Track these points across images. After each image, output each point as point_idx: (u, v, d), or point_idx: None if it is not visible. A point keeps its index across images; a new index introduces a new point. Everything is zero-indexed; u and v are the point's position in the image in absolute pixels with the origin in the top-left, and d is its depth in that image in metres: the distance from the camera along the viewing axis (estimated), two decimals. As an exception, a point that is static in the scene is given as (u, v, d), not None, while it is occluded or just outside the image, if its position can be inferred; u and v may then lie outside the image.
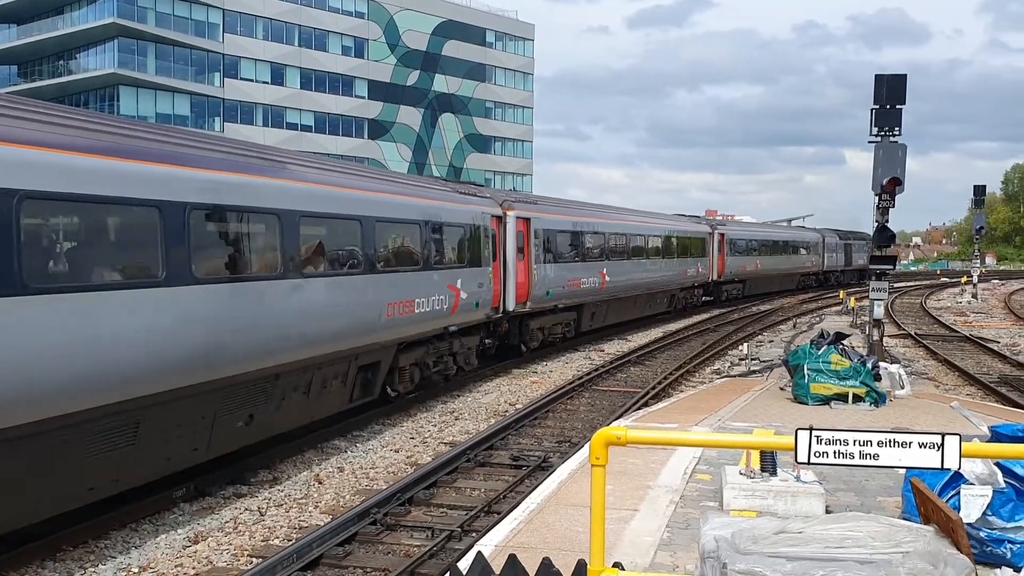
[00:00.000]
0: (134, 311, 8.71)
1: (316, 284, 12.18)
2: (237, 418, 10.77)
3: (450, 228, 17.07)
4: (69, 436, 8.15)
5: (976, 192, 46.88)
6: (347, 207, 13.10)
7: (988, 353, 24.27)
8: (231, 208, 10.35)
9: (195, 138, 10.69)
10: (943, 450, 4.47)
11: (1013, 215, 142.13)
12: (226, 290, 10.24)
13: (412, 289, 15.13)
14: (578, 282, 24.70)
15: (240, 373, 10.40)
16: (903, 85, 16.56)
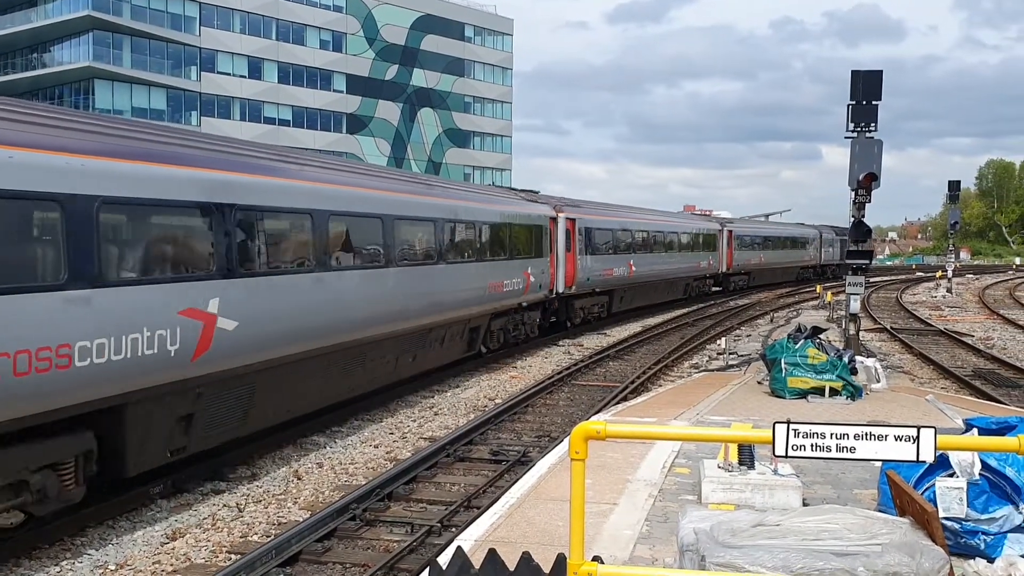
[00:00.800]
0: (367, 283, 14.27)
1: (454, 268, 17.93)
2: (408, 356, 16.40)
3: (524, 228, 22.84)
4: (340, 358, 13.55)
5: (951, 188, 47.31)
6: (471, 215, 19.17)
7: (962, 347, 24.54)
8: (412, 219, 16.23)
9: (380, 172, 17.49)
10: (918, 443, 4.51)
11: (987, 210, 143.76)
12: (410, 271, 15.76)
13: (503, 273, 20.77)
14: (611, 271, 29.99)
15: (414, 327, 15.95)
16: (879, 81, 16.67)
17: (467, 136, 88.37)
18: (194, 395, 10.27)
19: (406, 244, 15.89)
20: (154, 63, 63.88)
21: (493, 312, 20.59)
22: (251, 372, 11.15)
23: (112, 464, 9.38)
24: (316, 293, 12.51)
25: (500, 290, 20.50)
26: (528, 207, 23.88)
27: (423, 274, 16.36)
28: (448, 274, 17.48)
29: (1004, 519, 6.53)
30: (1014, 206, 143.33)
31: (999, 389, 17.66)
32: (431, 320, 16.65)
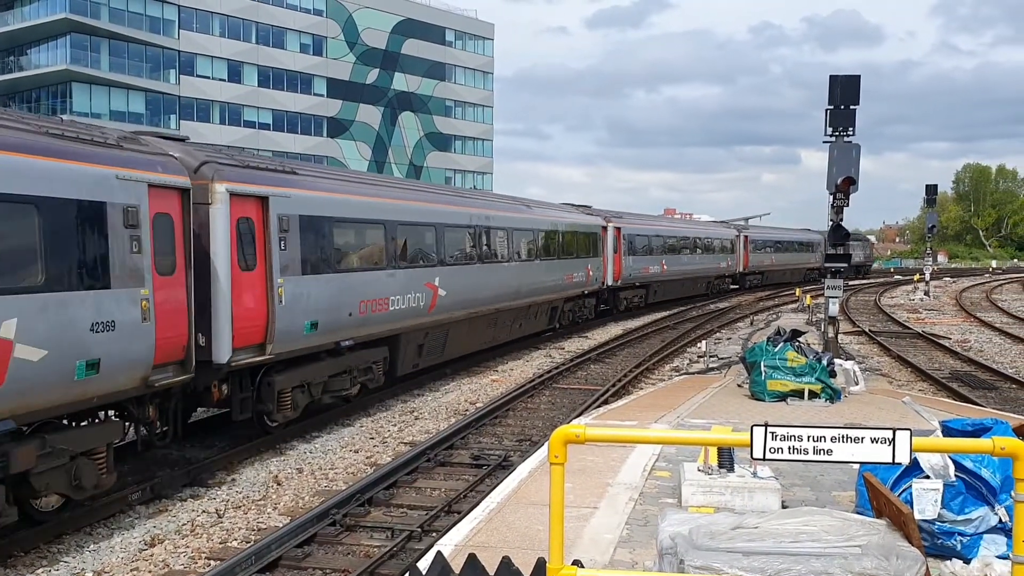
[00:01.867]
0: (500, 272, 21.79)
1: (545, 264, 25.55)
2: (518, 323, 24.08)
3: (585, 234, 29.86)
4: (486, 320, 21.08)
5: (928, 191, 47.69)
6: (553, 225, 26.82)
7: (940, 349, 24.75)
8: (522, 229, 23.91)
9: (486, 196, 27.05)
10: (894, 445, 4.55)
11: (964, 214, 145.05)
12: (520, 265, 23.51)
13: (572, 268, 28.00)
14: (648, 269, 37.09)
15: (521, 304, 23.58)
16: (857, 86, 16.78)
17: (448, 140, 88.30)
18: (423, 333, 18.01)
19: (518, 247, 23.60)
20: (132, 66, 63.40)
21: (565, 297, 28.16)
22: (449, 323, 19.08)
23: (390, 369, 16.77)
24: (478, 277, 20.57)
25: (571, 281, 28.13)
26: (586, 218, 30.95)
27: (527, 268, 24.11)
28: (542, 268, 25.36)
29: (980, 520, 6.59)
30: (990, 210, 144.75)
31: (976, 391, 17.83)
32: (531, 300, 24.53)
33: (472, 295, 19.96)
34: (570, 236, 27.99)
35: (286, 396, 13.22)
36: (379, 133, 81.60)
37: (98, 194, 9.44)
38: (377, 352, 16.04)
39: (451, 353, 19.90)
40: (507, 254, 22.55)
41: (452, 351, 19.84)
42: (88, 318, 9.17)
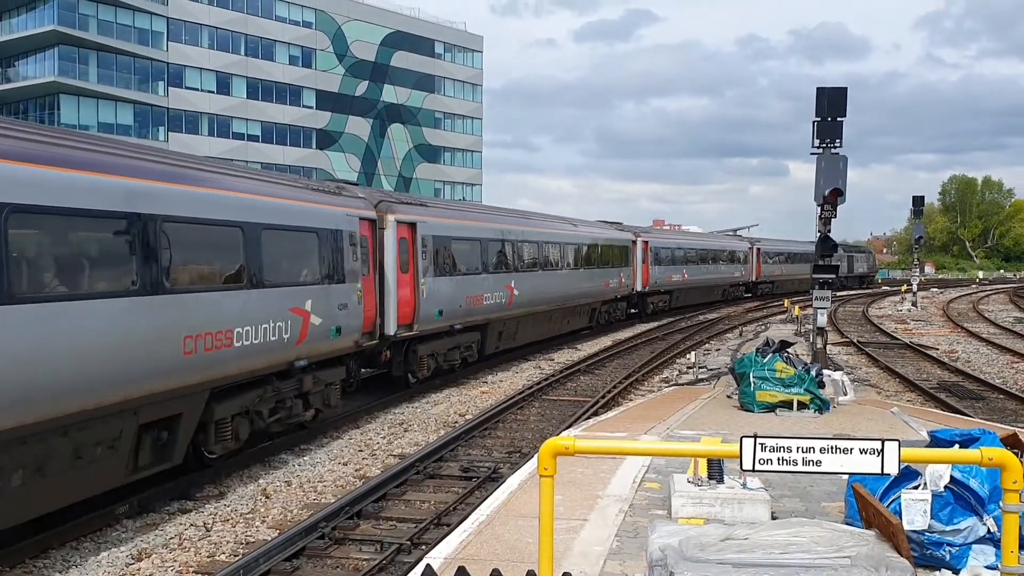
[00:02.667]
0: (557, 277, 27.34)
1: (588, 272, 30.19)
2: (567, 320, 28.89)
3: (619, 247, 34.61)
4: (545, 316, 26.59)
5: (915, 203, 47.96)
6: (594, 240, 31.32)
7: (927, 360, 24.85)
8: (571, 243, 28.84)
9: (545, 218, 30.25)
10: (883, 456, 4.57)
11: (951, 225, 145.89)
12: (569, 272, 28.40)
13: (609, 276, 32.77)
14: (671, 277, 41.95)
15: (570, 305, 28.57)
16: (843, 98, 16.88)
17: (437, 151, 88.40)
18: (503, 323, 23.15)
19: (568, 258, 28.62)
20: (121, 78, 63.27)
21: (602, 300, 32.62)
22: (520, 316, 24.28)
23: (481, 349, 22.05)
24: (540, 281, 25.58)
25: (607, 287, 32.69)
26: (619, 234, 35.47)
27: (574, 275, 29.01)
28: (585, 276, 30.10)
29: (968, 530, 6.60)
30: (977, 221, 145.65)
31: (963, 401, 17.90)
32: (577, 302, 29.30)
33: (536, 295, 25.55)
34: (607, 249, 33.10)
35: (424, 361, 19.12)
36: (368, 145, 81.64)
37: (340, 225, 14.87)
38: (474, 335, 21.75)
39: (520, 340, 25.44)
40: (560, 264, 27.97)
41: (521, 339, 25.47)
42: (336, 301, 14.53)
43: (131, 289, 9.56)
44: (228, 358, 11.26)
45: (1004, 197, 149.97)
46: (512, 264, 23.77)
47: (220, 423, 11.62)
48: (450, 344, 20.32)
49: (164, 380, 10.02)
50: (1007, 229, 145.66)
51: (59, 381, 8.48)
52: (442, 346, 19.90)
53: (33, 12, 61.52)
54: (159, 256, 9.96)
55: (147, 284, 9.76)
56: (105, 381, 9.10)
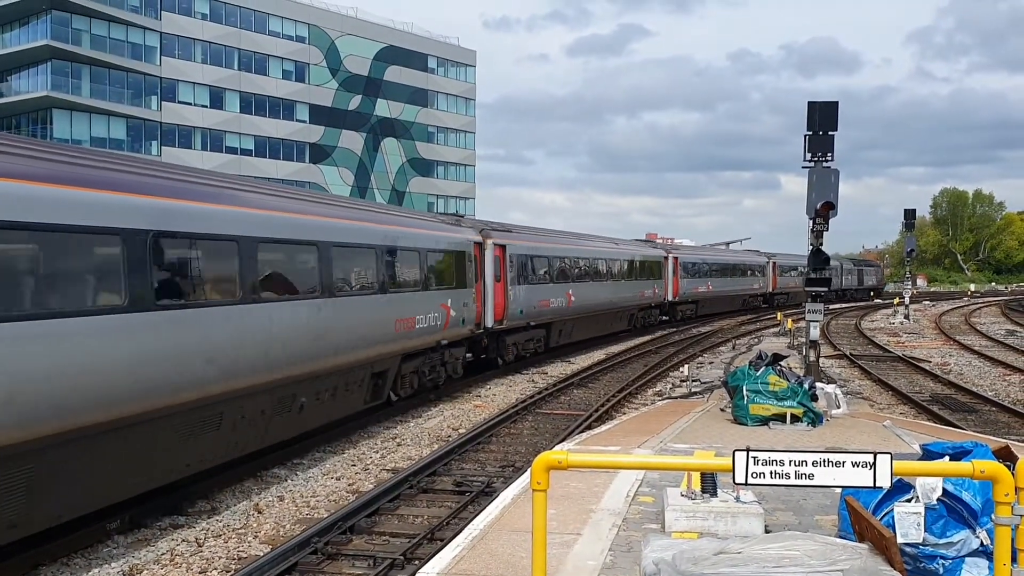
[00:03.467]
0: (599, 288, 33.34)
1: (623, 283, 35.99)
2: (609, 323, 35.28)
3: (654, 262, 40.72)
4: (594, 319, 33.00)
5: (907, 216, 48.19)
6: (634, 256, 37.79)
7: (920, 372, 24.90)
8: (612, 259, 34.99)
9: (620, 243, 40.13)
10: (875, 469, 4.57)
11: (942, 238, 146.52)
12: (614, 283, 34.95)
13: (644, 287, 38.91)
14: (697, 288, 47.67)
15: (614, 310, 35.19)
16: (835, 112, 16.98)
17: (431, 165, 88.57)
18: (562, 323, 29.28)
19: (612, 271, 34.76)
20: (114, 92, 63.36)
21: (639, 307, 38.89)
22: (575, 318, 29.98)
23: (546, 343, 28.28)
24: (592, 290, 31.88)
25: (643, 296, 39.00)
26: (653, 250, 42.65)
27: (617, 285, 35.28)
28: (626, 286, 36.43)
29: (962, 543, 6.60)
30: (968, 234, 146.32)
31: (956, 414, 17.93)
32: (619, 308, 35.74)
33: (589, 301, 31.59)
34: (642, 263, 39.14)
35: (510, 348, 25.24)
36: (361, 159, 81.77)
37: (464, 247, 21.05)
38: (542, 331, 27.95)
39: (575, 337, 31.35)
40: (606, 276, 34.13)
41: (576, 336, 31.45)
42: (462, 301, 20.36)
43: (376, 289, 15.71)
44: (413, 335, 17.51)
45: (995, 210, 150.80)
46: (570, 275, 30.02)
47: (403, 377, 17.81)
48: (527, 337, 26.61)
49: (385, 347, 16.07)
50: (998, 242, 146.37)
51: (344, 343, 14.19)
52: (522, 338, 26.18)
53: (26, 27, 61.63)
54: (394, 271, 16.66)
55: (383, 287, 15.96)
56: (362, 345, 14.92)
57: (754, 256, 62.40)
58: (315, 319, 13.06)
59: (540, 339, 27.81)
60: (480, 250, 22.49)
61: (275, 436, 12.84)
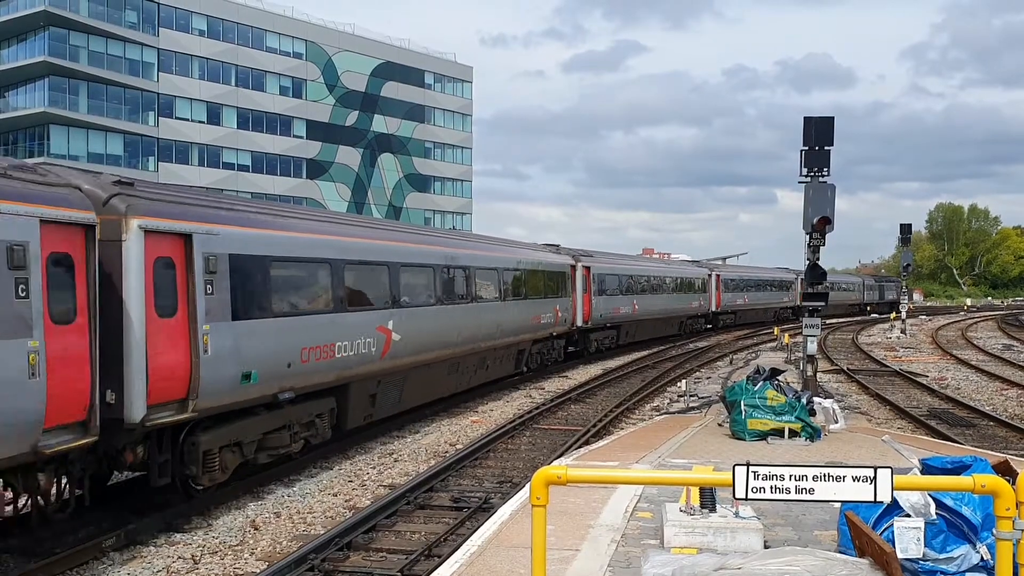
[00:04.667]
0: (658, 300, 42.73)
1: (678, 296, 45.85)
2: (665, 328, 44.09)
3: (699, 279, 48.81)
4: (651, 323, 41.94)
5: (903, 231, 48.30)
6: (683, 274, 47.61)
7: (917, 387, 24.89)
8: (663, 277, 44.84)
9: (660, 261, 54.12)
10: (875, 483, 4.55)
11: (938, 252, 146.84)
12: (668, 295, 44.45)
13: (693, 299, 47.80)
14: (735, 301, 55.23)
15: (668, 317, 44.37)
16: (831, 127, 17.02)
17: (428, 181, 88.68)
18: (630, 324, 38.20)
19: (669, 286, 43.67)
20: (111, 108, 63.45)
21: (687, 316, 47.04)
22: (638, 320, 39.11)
23: (617, 342, 37.16)
24: (652, 302, 40.89)
25: (691, 307, 47.34)
26: (698, 269, 51.07)
27: (672, 297, 44.01)
28: (678, 299, 45.22)
29: (962, 558, 6.58)
30: (964, 248, 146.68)
31: (954, 428, 17.91)
32: (672, 315, 44.11)
33: (648, 310, 40.02)
34: (691, 280, 47.99)
35: (594, 343, 34.40)
36: (359, 174, 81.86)
37: (564, 268, 29.81)
38: (614, 332, 36.44)
39: (639, 337, 39.86)
40: (663, 289, 43.18)
41: (639, 336, 39.88)
42: (565, 306, 29.71)
43: (522, 296, 24.75)
44: (538, 328, 26.55)
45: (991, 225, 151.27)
46: (635, 289, 38.48)
47: (532, 355, 27.03)
48: (604, 335, 35.25)
49: (524, 335, 25.33)
50: (994, 256, 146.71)
51: (510, 330, 23.73)
52: (602, 335, 34.91)
53: (24, 43, 61.77)
54: (530, 285, 25.76)
55: (526, 295, 25.11)
56: (518, 332, 24.51)
57: (782, 273, 65.65)
58: (496, 314, 22.58)
59: (612, 337, 36.34)
60: (573, 270, 31.18)
61: (476, 381, 22.60)
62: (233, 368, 11.82)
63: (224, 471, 12.09)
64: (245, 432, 12.52)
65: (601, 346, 34.88)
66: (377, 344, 15.81)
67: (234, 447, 12.34)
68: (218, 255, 11.75)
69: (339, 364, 14.57)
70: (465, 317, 20.40)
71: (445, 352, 19.22)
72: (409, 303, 17.47)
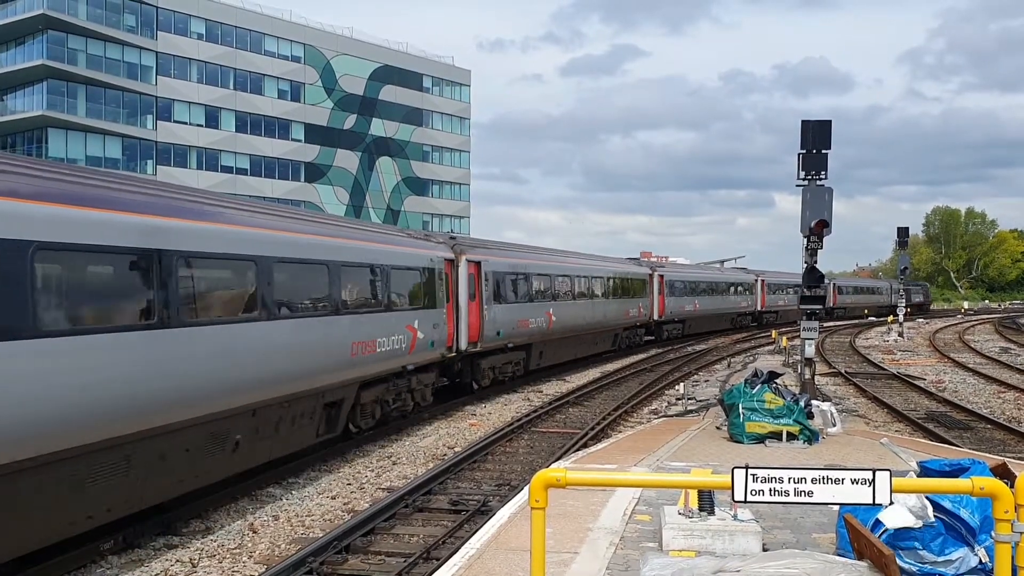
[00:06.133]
0: (719, 299, 54.75)
1: (733, 297, 57.03)
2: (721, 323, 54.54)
3: (746, 284, 58.84)
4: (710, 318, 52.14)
5: (900, 234, 48.37)
6: (736, 278, 58.57)
7: (915, 390, 24.90)
8: (726, 282, 56.92)
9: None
10: (874, 486, 4.56)
11: (935, 256, 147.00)
12: (723, 296, 55.34)
13: (743, 300, 58.23)
14: (777, 302, 62.42)
15: (725, 313, 55.68)
16: (828, 130, 17.05)
17: (426, 184, 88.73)
18: (693, 320, 47.75)
19: (726, 290, 55.00)
20: (109, 112, 63.47)
21: (738, 313, 56.08)
22: (702, 317, 49.41)
23: (683, 334, 46.85)
24: (714, 301, 51.83)
25: (741, 307, 57.70)
26: (746, 275, 59.57)
27: (727, 298, 55.00)
28: (733, 299, 56.67)
29: (960, 561, 6.58)
30: (961, 252, 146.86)
31: (952, 431, 17.92)
32: (729, 312, 56.25)
33: (713, 309, 49.75)
34: (741, 284, 56.96)
35: (666, 331, 44.60)
36: (357, 178, 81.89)
37: (642, 275, 40.82)
38: (680, 326, 45.09)
39: (699, 330, 48.11)
40: (723, 292, 52.54)
41: (699, 329, 47.91)
42: (637, 306, 39.16)
43: (591, 295, 32.77)
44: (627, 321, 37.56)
45: (988, 228, 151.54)
46: (695, 291, 46.85)
47: (624, 338, 36.98)
48: (675, 328, 44.66)
49: (619, 323, 36.21)
50: (991, 260, 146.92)
51: (608, 320, 35.13)
52: (673, 328, 44.59)
53: (22, 46, 61.78)
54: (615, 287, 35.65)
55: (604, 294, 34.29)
56: (608, 322, 34.75)
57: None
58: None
59: (681, 329, 45.68)
60: (651, 277, 41.49)
61: (604, 348, 31.37)
62: (493, 329, 23.12)
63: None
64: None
65: (672, 335, 45.04)
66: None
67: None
68: (491, 272, 23.25)
69: (529, 332, 25.89)
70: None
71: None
72: (558, 300, 28.39)
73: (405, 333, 17.46)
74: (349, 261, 15.07)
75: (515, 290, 25.25)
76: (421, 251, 19.32)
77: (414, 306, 18.22)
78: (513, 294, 24.97)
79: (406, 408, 18.69)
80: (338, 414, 15.04)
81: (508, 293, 24.59)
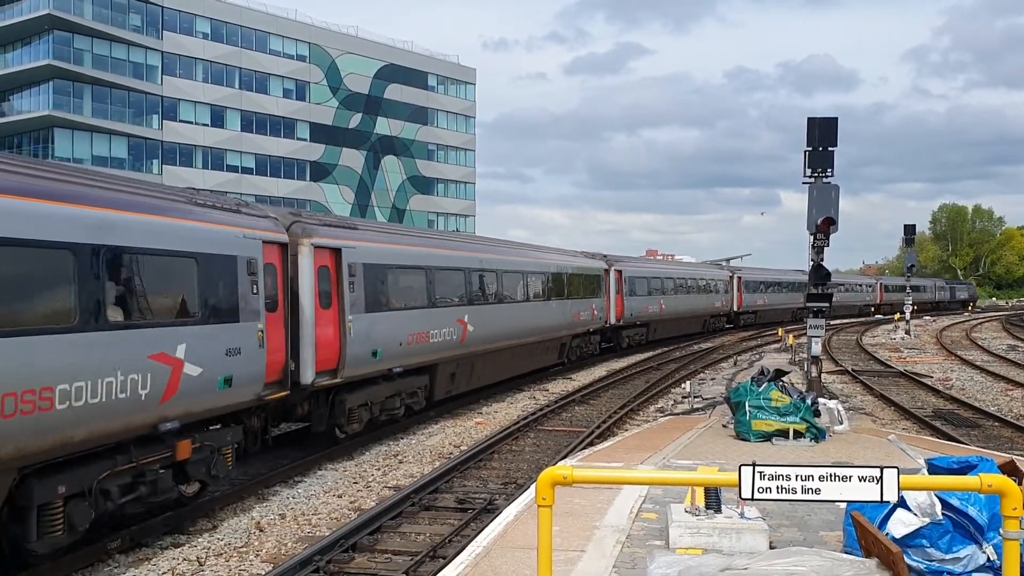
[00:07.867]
0: (784, 295, 62.90)
1: (786, 295, 62.65)
2: (787, 317, 61.43)
3: (794, 284, 62.74)
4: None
5: (906, 231, 48.26)
6: (785, 276, 64.80)
7: (922, 388, 24.85)
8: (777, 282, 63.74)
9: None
10: (882, 483, 4.55)
11: (942, 253, 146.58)
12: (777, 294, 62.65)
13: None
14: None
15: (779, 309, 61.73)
16: (834, 128, 17.00)
17: (431, 183, 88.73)
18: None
19: (770, 289, 60.86)
20: (115, 112, 63.58)
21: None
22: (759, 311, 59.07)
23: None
24: (776, 297, 61.54)
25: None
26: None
27: (781, 295, 61.78)
28: (784, 297, 62.23)
29: (968, 559, 6.57)
30: (968, 249, 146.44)
31: (959, 429, 17.88)
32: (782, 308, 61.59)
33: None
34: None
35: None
36: (362, 177, 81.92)
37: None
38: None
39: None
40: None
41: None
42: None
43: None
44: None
45: (995, 225, 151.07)
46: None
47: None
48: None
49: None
50: (998, 257, 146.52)
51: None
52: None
53: (28, 47, 61.90)
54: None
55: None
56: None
57: (861, 277, 72.90)
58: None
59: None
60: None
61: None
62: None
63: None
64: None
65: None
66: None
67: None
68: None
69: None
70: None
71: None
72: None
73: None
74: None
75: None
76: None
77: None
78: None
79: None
80: (564, 351, 29.99)
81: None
